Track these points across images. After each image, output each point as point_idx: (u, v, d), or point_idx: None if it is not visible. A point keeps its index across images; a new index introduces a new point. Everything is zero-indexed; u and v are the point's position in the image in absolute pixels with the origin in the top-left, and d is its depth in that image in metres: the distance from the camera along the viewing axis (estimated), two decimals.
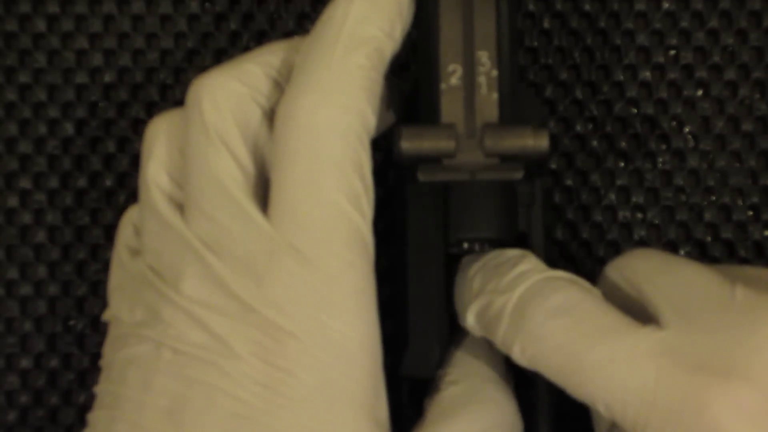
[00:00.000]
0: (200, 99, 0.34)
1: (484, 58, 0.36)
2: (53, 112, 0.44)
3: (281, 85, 0.35)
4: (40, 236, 0.43)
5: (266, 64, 0.35)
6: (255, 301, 0.32)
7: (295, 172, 0.33)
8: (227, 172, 0.33)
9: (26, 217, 0.43)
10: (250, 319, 0.32)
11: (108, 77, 0.44)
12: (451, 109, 0.36)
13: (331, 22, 0.34)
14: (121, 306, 0.34)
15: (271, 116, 0.34)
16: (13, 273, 0.43)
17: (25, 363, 0.43)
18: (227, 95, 0.34)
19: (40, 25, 0.44)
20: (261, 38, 0.44)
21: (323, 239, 0.32)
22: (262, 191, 0.34)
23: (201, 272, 0.32)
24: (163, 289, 0.33)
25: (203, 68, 0.44)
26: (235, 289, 0.32)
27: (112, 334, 0.35)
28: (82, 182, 0.44)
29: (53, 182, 0.43)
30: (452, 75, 0.36)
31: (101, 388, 0.34)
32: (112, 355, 0.34)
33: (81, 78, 0.44)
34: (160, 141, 0.35)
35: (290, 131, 0.33)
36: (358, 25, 0.34)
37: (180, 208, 0.34)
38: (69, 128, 0.44)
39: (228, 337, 0.32)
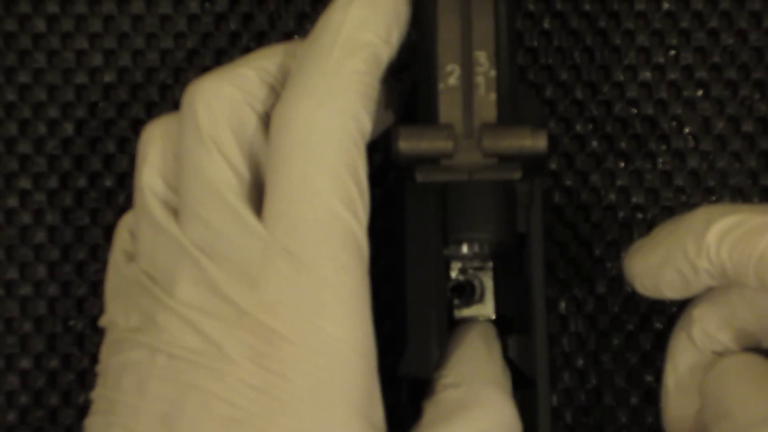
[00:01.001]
0: (195, 104, 0.34)
1: (482, 58, 0.36)
2: (53, 113, 0.44)
3: (277, 89, 0.35)
4: (40, 236, 0.43)
5: (262, 69, 0.35)
6: (249, 305, 0.32)
7: (290, 175, 0.33)
8: (221, 177, 0.33)
9: (26, 218, 0.43)
10: (244, 323, 0.32)
11: (108, 77, 0.44)
12: (449, 109, 0.36)
13: (328, 27, 0.34)
14: (117, 311, 0.34)
15: (266, 121, 0.34)
16: (12, 273, 0.43)
17: (25, 363, 0.43)
18: (222, 100, 0.34)
19: (40, 25, 0.44)
20: (261, 38, 0.44)
21: (317, 243, 0.32)
22: (257, 195, 0.34)
23: (195, 277, 0.33)
24: (158, 294, 0.33)
25: (203, 68, 0.44)
26: (229, 293, 0.32)
27: (108, 339, 0.35)
28: (81, 182, 0.44)
29: (53, 182, 0.43)
30: (450, 75, 0.36)
31: (97, 394, 0.34)
32: (108, 360, 0.34)
33: (81, 78, 0.44)
34: (155, 146, 0.35)
35: (286, 135, 0.33)
36: (355, 30, 0.34)
37: (175, 212, 0.34)
38: (69, 128, 0.44)
39: (222, 342, 0.32)
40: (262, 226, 0.33)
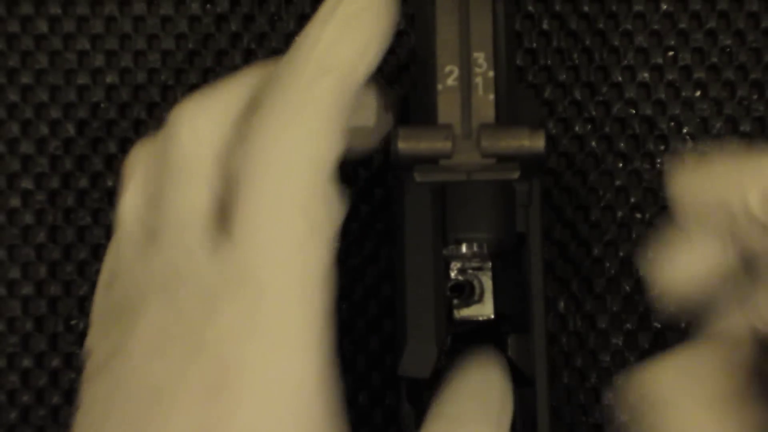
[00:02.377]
0: (178, 125, 0.33)
1: (481, 59, 0.36)
2: (55, 113, 0.44)
3: None
4: (42, 236, 0.44)
5: (249, 86, 0.34)
6: (207, 333, 0.31)
7: (255, 198, 0.32)
8: (197, 201, 0.33)
9: (28, 217, 0.44)
10: (201, 351, 0.31)
11: (109, 78, 0.44)
12: (447, 109, 0.36)
13: (303, 44, 0.33)
14: (97, 336, 0.34)
15: None
16: (14, 273, 0.43)
17: (27, 362, 0.43)
18: (206, 121, 0.33)
19: (42, 27, 0.44)
20: (261, 39, 0.44)
21: (279, 270, 0.31)
22: None
23: (164, 302, 0.32)
24: (128, 320, 0.32)
25: (204, 69, 0.44)
26: (190, 320, 0.31)
27: (86, 369, 0.34)
28: (83, 182, 0.44)
29: (54, 182, 0.44)
30: (449, 76, 0.36)
31: (75, 424, 0.33)
32: (84, 391, 0.33)
33: (82, 79, 0.44)
34: (138, 168, 0.35)
35: (254, 155, 0.32)
36: (329, 48, 0.33)
37: (153, 236, 0.33)
38: (70, 129, 0.44)
39: (181, 370, 0.31)
40: (229, 251, 0.32)
